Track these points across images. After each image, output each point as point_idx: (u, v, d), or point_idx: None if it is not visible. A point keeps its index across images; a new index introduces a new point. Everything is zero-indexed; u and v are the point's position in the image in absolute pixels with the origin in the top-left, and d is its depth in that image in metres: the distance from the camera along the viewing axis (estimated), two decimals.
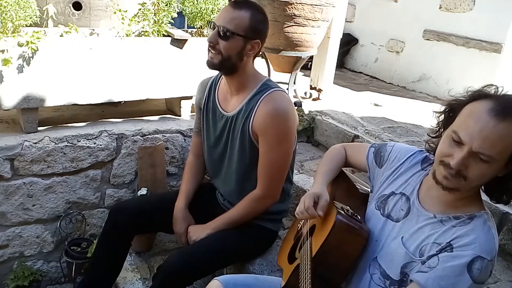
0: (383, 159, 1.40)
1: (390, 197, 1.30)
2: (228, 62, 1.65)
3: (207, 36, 2.66)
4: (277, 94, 1.69)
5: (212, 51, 1.64)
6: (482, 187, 1.15)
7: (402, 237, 1.20)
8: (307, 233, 1.41)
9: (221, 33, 1.60)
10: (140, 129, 2.46)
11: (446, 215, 1.15)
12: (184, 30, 2.68)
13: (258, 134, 1.68)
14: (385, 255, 1.22)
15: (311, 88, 3.34)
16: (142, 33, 2.52)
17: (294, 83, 3.15)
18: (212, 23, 1.65)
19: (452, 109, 1.15)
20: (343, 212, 1.26)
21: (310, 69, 3.47)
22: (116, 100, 2.43)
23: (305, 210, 1.32)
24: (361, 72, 4.50)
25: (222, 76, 1.80)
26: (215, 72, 1.81)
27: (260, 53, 3.29)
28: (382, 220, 1.28)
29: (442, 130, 1.18)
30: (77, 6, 2.88)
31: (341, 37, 3.24)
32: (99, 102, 2.40)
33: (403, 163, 1.33)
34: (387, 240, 1.24)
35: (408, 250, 1.16)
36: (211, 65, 1.68)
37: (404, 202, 1.25)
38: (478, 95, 1.10)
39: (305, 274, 1.21)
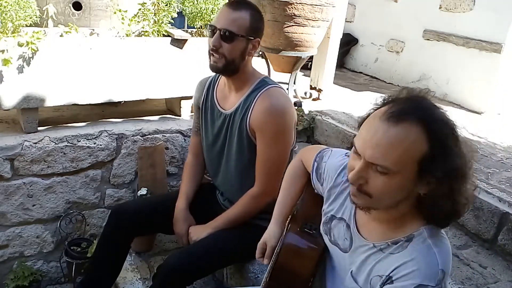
0: (320, 177, 1.30)
1: (332, 221, 1.21)
2: (232, 64, 1.65)
3: (207, 36, 2.67)
4: (274, 91, 1.69)
5: (215, 54, 1.64)
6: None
7: (351, 271, 1.12)
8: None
9: (224, 36, 1.60)
10: (140, 129, 2.46)
11: (385, 242, 1.04)
12: (184, 30, 2.68)
13: (255, 130, 1.68)
14: None
15: (311, 88, 3.34)
16: (142, 33, 2.52)
17: (294, 83, 3.14)
18: (212, 26, 1.64)
19: (364, 120, 1.02)
20: (297, 228, 1.25)
21: (310, 69, 3.47)
22: (116, 100, 2.43)
23: (257, 258, 1.35)
24: (361, 72, 4.50)
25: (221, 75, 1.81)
26: None
27: (260, 52, 3.30)
28: (332, 248, 1.21)
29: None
30: (77, 6, 2.88)
31: (341, 37, 3.24)
32: (99, 102, 2.39)
33: (335, 181, 1.21)
34: (343, 273, 1.16)
35: (359, 285, 1.09)
36: (215, 69, 1.68)
37: (346, 230, 1.16)
38: (386, 101, 0.98)
39: None
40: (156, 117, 2.68)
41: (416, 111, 0.92)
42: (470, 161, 0.96)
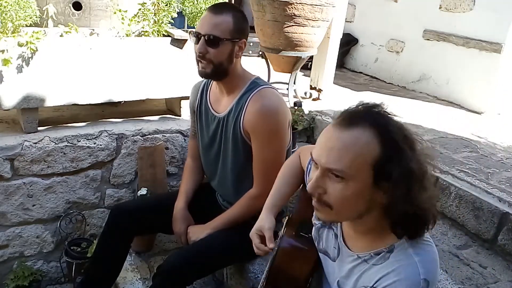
0: None
1: (321, 228, 1.21)
2: (220, 68, 1.65)
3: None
4: (265, 91, 1.69)
5: (202, 61, 1.64)
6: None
7: (338, 281, 1.12)
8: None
9: (208, 41, 1.60)
10: (140, 129, 2.46)
11: (368, 253, 1.04)
12: (184, 30, 2.68)
13: (249, 132, 1.68)
14: None
15: (311, 88, 3.33)
16: (142, 33, 2.52)
17: (294, 83, 3.14)
18: (196, 32, 1.64)
19: None
20: (293, 232, 1.25)
21: (310, 69, 3.46)
22: (116, 100, 2.43)
23: (258, 249, 1.31)
24: (361, 72, 4.50)
25: None
26: None
27: (260, 52, 3.30)
28: (321, 255, 1.21)
29: None
30: (77, 6, 2.88)
31: (341, 37, 3.24)
32: (99, 102, 2.39)
33: None
34: (332, 281, 1.16)
35: None
36: (204, 75, 1.69)
37: (334, 239, 1.16)
38: (341, 113, 1.01)
39: None
40: (156, 117, 2.68)
41: (367, 116, 0.96)
42: (427, 164, 0.97)
